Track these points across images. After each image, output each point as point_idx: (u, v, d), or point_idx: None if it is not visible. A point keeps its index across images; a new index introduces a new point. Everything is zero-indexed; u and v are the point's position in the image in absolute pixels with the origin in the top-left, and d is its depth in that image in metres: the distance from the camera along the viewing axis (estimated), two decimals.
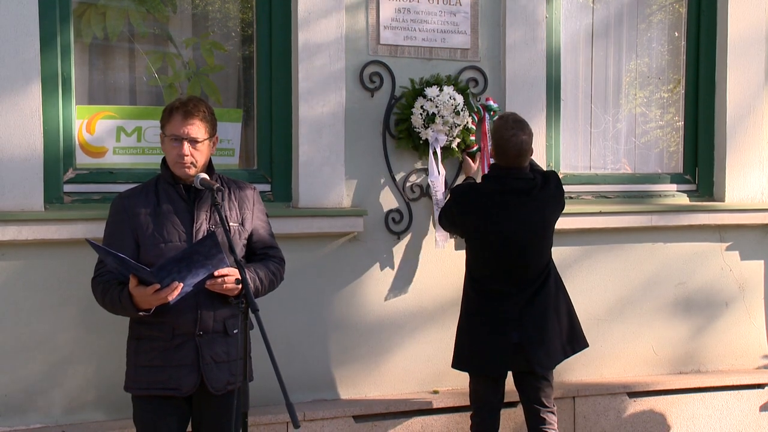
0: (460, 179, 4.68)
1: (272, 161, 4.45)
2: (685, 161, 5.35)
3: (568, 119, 5.13)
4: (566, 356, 4.20)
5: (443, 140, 4.51)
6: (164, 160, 3.44)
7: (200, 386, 3.35)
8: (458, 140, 4.57)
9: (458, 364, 4.24)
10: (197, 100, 3.42)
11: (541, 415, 4.15)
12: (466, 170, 4.63)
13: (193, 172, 3.35)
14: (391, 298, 4.61)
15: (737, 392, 5.16)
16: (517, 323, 4.06)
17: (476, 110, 4.64)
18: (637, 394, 4.96)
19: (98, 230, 3.55)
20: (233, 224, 3.44)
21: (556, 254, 4.27)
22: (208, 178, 3.36)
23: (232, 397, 3.26)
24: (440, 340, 4.67)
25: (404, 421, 4.50)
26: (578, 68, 5.20)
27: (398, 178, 4.60)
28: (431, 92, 4.46)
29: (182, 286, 3.16)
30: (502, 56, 4.76)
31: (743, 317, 5.34)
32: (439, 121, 4.44)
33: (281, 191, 4.44)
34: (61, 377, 4.01)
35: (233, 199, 3.49)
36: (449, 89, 4.49)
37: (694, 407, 5.08)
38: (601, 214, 4.93)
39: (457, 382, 4.63)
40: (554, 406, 4.20)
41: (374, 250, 4.57)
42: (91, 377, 4.04)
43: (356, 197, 4.52)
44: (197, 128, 3.34)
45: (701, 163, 5.32)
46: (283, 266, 3.61)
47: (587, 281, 4.99)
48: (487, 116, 4.67)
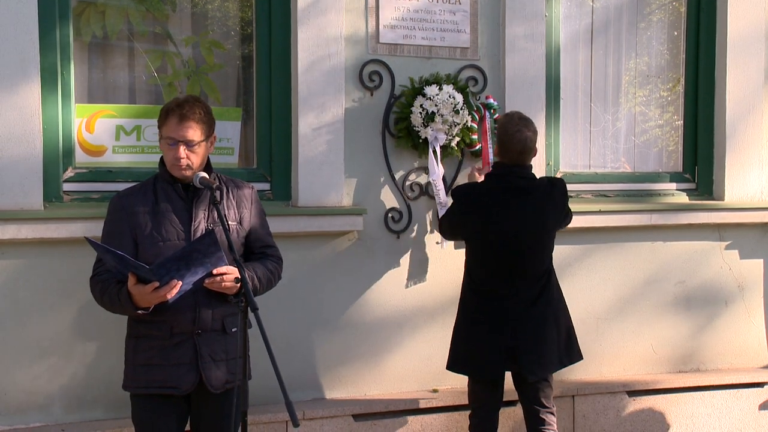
0: (459, 178, 4.68)
1: (272, 160, 4.45)
2: (684, 160, 5.35)
3: (567, 118, 5.13)
4: (561, 366, 4.18)
5: (443, 139, 4.51)
6: (162, 158, 3.44)
7: (199, 385, 3.35)
8: (458, 139, 4.57)
9: (454, 366, 4.23)
10: (193, 101, 3.39)
11: (540, 415, 4.14)
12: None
13: (189, 174, 3.35)
14: (390, 296, 4.61)
15: (737, 391, 5.16)
16: (513, 327, 4.05)
17: (476, 109, 4.64)
18: (636, 392, 4.96)
19: (98, 229, 3.54)
20: (231, 223, 3.44)
21: (556, 253, 4.27)
22: (207, 176, 3.36)
23: (230, 395, 3.26)
24: (440, 339, 4.66)
25: (404, 419, 4.50)
26: (578, 67, 5.20)
27: (398, 176, 4.60)
28: (431, 91, 4.46)
29: (181, 284, 3.16)
30: (501, 55, 4.76)
31: (743, 316, 5.34)
32: (438, 119, 4.44)
33: (281, 190, 4.44)
34: (60, 376, 4.01)
35: (231, 198, 3.49)
36: (449, 88, 4.49)
37: (693, 406, 5.08)
38: (600, 213, 4.93)
39: (456, 381, 4.62)
40: (553, 406, 4.19)
41: (374, 248, 4.57)
42: (90, 376, 4.05)
43: (356, 196, 4.52)
44: (193, 131, 3.33)
45: (701, 161, 5.32)
46: (281, 265, 3.61)
47: (587, 280, 4.99)
48: (487, 114, 4.67)
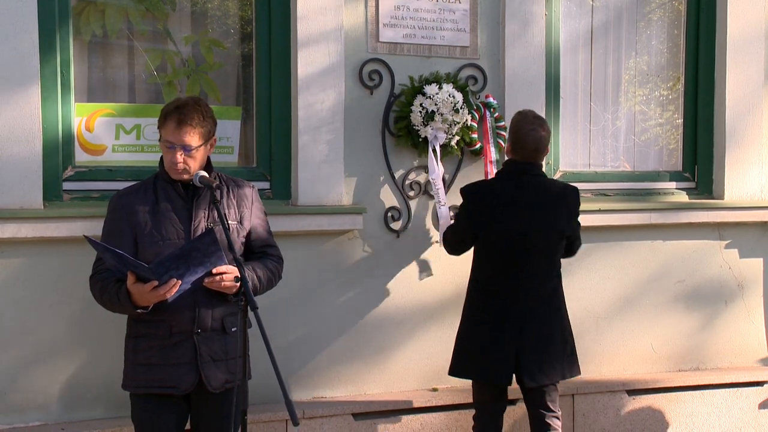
0: (459, 176, 4.68)
1: (271, 159, 4.45)
2: (684, 159, 5.34)
3: (567, 117, 5.12)
4: (562, 378, 4.11)
5: (442, 138, 4.51)
6: (162, 157, 3.44)
7: (198, 384, 3.35)
8: (457, 138, 4.57)
9: (459, 371, 4.16)
10: (193, 104, 3.37)
11: (546, 420, 4.08)
12: None
13: (186, 177, 3.35)
14: (390, 295, 4.61)
15: (736, 390, 5.16)
16: (520, 327, 3.98)
17: (476, 108, 4.64)
18: (636, 391, 4.96)
19: (97, 228, 3.54)
20: (232, 222, 3.43)
21: None
22: (207, 175, 3.35)
23: (230, 395, 3.26)
24: (439, 337, 4.67)
25: (403, 418, 4.50)
26: (577, 66, 5.19)
27: (397, 175, 4.60)
28: (430, 90, 4.46)
29: (180, 283, 3.16)
30: (501, 54, 4.76)
31: (742, 315, 5.34)
32: (438, 118, 4.44)
33: (280, 189, 4.44)
34: (60, 375, 4.01)
35: (232, 197, 3.49)
36: (448, 87, 4.49)
37: (693, 404, 5.09)
38: (600, 212, 4.93)
39: (456, 380, 4.62)
40: (559, 410, 4.13)
41: (373, 247, 4.57)
42: (90, 375, 4.04)
43: (355, 195, 4.52)
44: (191, 136, 3.32)
45: (701, 160, 5.31)
46: (281, 265, 3.61)
47: (586, 279, 4.99)
48: (487, 113, 4.67)
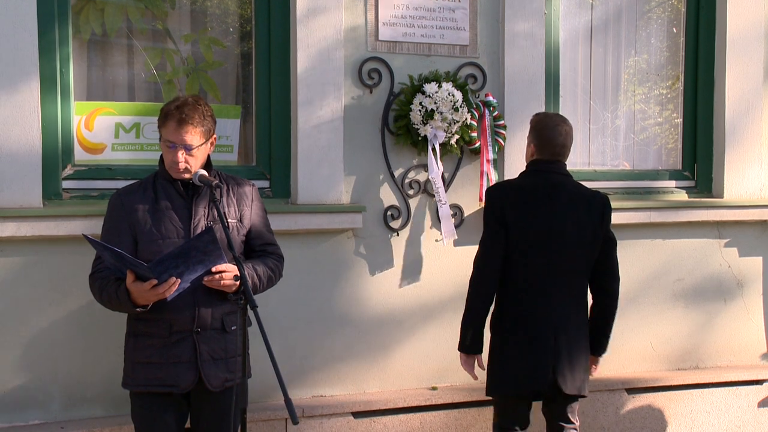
0: (458, 175, 4.68)
1: (271, 158, 4.45)
2: (683, 158, 5.35)
3: (567, 115, 5.03)
4: (579, 393, 3.91)
5: (442, 137, 4.51)
6: (162, 156, 3.44)
7: (198, 383, 3.35)
8: (457, 137, 4.57)
9: (498, 387, 3.92)
10: (194, 103, 3.36)
11: None
12: None
13: (187, 176, 3.35)
14: (389, 294, 4.61)
15: (735, 388, 5.16)
16: (555, 332, 3.81)
17: (476, 106, 4.64)
18: (635, 390, 4.97)
19: (97, 227, 3.55)
20: (231, 221, 3.44)
21: None
22: (206, 174, 3.35)
23: (230, 393, 3.26)
24: (439, 336, 4.67)
25: (403, 417, 4.50)
26: (577, 64, 5.20)
27: (397, 174, 4.60)
28: (430, 89, 4.46)
29: (180, 282, 3.16)
30: (500, 52, 4.76)
31: (741, 313, 5.34)
32: (437, 117, 4.44)
33: (280, 188, 4.44)
34: (59, 373, 4.01)
35: (232, 195, 3.49)
36: (448, 86, 4.49)
37: (692, 403, 5.09)
38: None
39: (456, 378, 4.63)
40: (578, 421, 4.00)
41: (373, 246, 4.57)
42: (89, 373, 4.05)
43: (355, 193, 4.52)
44: (191, 135, 3.32)
45: (700, 159, 5.32)
46: (281, 263, 3.61)
47: None
48: (487, 112, 4.67)
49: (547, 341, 3.82)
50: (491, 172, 4.66)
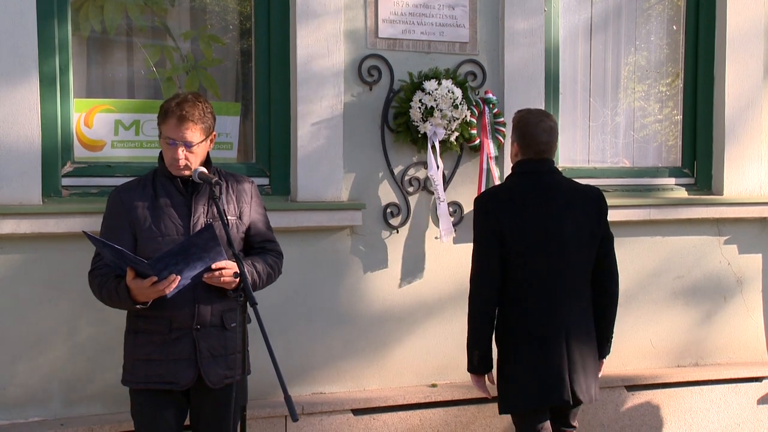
0: (458, 172, 4.68)
1: (270, 155, 4.45)
2: (683, 155, 5.34)
3: (566, 113, 5.12)
4: (591, 399, 3.85)
5: (441, 134, 4.51)
6: (162, 153, 3.44)
7: (198, 380, 3.35)
8: (457, 134, 4.56)
9: (512, 404, 3.78)
10: (194, 100, 3.36)
11: None
12: None
13: (188, 173, 3.35)
14: (389, 291, 4.61)
15: (735, 385, 5.16)
16: (566, 337, 3.71)
17: (475, 104, 4.64)
18: (635, 387, 4.97)
19: (96, 224, 3.55)
20: (231, 218, 3.44)
21: None
22: (206, 171, 3.36)
23: (230, 390, 3.26)
24: (439, 333, 4.67)
25: (403, 414, 4.50)
26: (577, 62, 5.19)
27: (396, 171, 4.60)
28: (430, 86, 4.45)
29: (179, 278, 3.16)
30: (500, 50, 4.76)
31: (741, 310, 5.34)
32: (437, 114, 4.43)
33: (279, 185, 4.44)
34: (59, 371, 4.01)
35: (231, 192, 3.49)
36: (448, 83, 4.49)
37: (692, 400, 5.09)
38: None
39: (455, 375, 4.63)
40: (577, 423, 3.97)
41: (372, 243, 4.57)
42: (89, 371, 4.05)
43: (354, 191, 4.52)
44: (191, 132, 3.32)
45: (700, 156, 5.31)
46: (281, 260, 3.61)
47: None
48: (486, 110, 4.67)
49: (559, 351, 3.69)
50: (494, 168, 4.66)
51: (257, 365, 3.64)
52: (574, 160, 5.17)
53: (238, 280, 3.19)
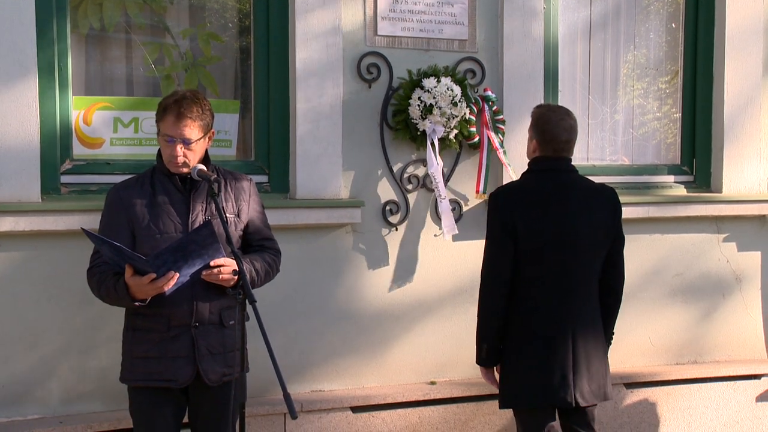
0: (458, 170, 4.68)
1: (269, 152, 4.44)
2: (682, 152, 5.34)
3: None
4: (604, 399, 3.78)
5: (441, 131, 4.51)
6: (160, 151, 3.44)
7: (196, 377, 3.35)
8: (456, 131, 4.56)
9: (511, 399, 3.76)
10: (192, 97, 3.36)
11: None
12: None
13: (186, 171, 3.35)
14: (388, 289, 4.61)
15: (734, 383, 5.17)
16: (573, 338, 3.67)
17: (474, 101, 4.64)
18: (634, 384, 4.97)
19: (95, 221, 3.54)
20: (229, 215, 3.43)
21: None
22: (205, 169, 3.35)
23: (228, 388, 3.27)
24: (438, 331, 4.67)
25: (402, 412, 4.50)
26: (576, 59, 5.19)
27: (395, 169, 4.60)
28: (429, 83, 4.45)
29: (178, 275, 3.16)
30: (499, 47, 4.76)
31: (740, 308, 5.35)
32: (436, 112, 4.43)
33: (278, 182, 4.44)
34: (58, 368, 4.01)
35: (229, 190, 3.49)
36: (447, 80, 4.49)
37: (690, 398, 5.10)
38: None
39: (455, 373, 4.64)
40: (597, 428, 3.86)
41: (371, 241, 4.57)
42: (88, 368, 4.05)
43: (353, 188, 4.52)
44: (190, 129, 3.32)
45: (699, 154, 5.31)
46: (279, 258, 3.61)
47: None
48: (485, 107, 4.67)
49: (565, 352, 3.66)
50: (503, 159, 4.64)
51: (256, 363, 3.64)
52: (573, 157, 5.14)
53: (236, 277, 3.19)
